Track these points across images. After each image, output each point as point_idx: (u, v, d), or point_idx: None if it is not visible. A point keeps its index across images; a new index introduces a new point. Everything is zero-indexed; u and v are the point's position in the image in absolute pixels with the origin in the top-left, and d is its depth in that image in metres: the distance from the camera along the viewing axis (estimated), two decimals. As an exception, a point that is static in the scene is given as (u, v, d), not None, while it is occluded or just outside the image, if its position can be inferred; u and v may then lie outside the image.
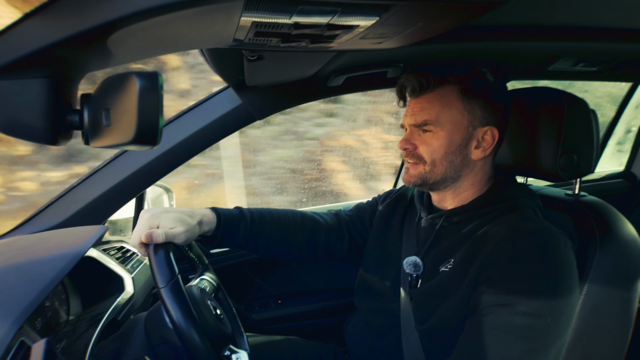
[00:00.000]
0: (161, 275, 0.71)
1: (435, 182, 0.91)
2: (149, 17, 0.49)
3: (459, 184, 0.92)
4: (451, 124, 0.87)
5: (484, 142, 0.89)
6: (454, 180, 0.91)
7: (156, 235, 0.76)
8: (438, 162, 0.88)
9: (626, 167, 2.25)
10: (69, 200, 1.11)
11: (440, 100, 0.88)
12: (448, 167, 0.89)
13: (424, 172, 0.90)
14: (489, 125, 0.89)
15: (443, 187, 0.93)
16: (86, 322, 0.93)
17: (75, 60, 0.54)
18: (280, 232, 1.02)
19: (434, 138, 0.88)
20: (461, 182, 0.92)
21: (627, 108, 2.19)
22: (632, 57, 1.31)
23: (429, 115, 0.88)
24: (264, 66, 0.95)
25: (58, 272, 0.73)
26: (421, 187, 0.93)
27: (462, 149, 0.88)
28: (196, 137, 1.15)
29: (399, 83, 0.93)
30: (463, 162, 0.89)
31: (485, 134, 0.89)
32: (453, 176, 0.90)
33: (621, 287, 0.91)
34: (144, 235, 0.76)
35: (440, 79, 0.88)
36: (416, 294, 0.92)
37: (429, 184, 0.91)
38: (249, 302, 1.59)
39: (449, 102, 0.87)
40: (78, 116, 0.50)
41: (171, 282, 0.71)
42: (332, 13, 0.58)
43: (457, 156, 0.88)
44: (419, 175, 0.91)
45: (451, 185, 0.92)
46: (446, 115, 0.87)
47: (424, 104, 0.89)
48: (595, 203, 0.97)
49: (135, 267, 1.17)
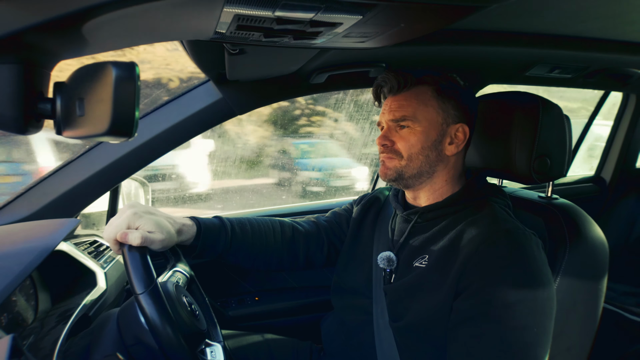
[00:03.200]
0: (138, 281, 0.69)
1: (411, 177, 0.93)
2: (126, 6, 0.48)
3: (434, 180, 0.95)
4: (427, 120, 0.91)
5: (456, 139, 0.94)
6: (429, 175, 0.94)
7: (132, 238, 0.74)
8: (414, 156, 0.92)
9: (596, 172, 2.33)
10: (39, 192, 1.07)
11: (417, 99, 0.92)
12: (424, 161, 0.92)
13: (400, 166, 0.93)
14: (460, 122, 0.94)
15: (419, 182, 0.95)
16: (55, 318, 0.90)
17: (48, 47, 0.52)
18: (261, 242, 1.01)
19: (411, 134, 0.91)
20: (436, 178, 0.95)
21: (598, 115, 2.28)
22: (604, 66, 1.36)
23: (407, 111, 0.91)
24: (245, 60, 0.94)
25: (26, 266, 0.71)
26: (397, 182, 0.95)
27: (437, 144, 0.92)
28: (174, 130, 1.13)
29: (377, 82, 0.97)
30: (438, 158, 0.93)
31: (457, 130, 0.93)
32: (428, 171, 0.93)
33: (588, 286, 0.94)
34: (119, 233, 0.74)
35: (417, 79, 0.93)
36: (390, 289, 0.93)
37: (405, 178, 0.93)
38: (226, 299, 1.57)
39: (425, 100, 0.92)
40: (50, 105, 0.48)
41: (150, 288, 0.69)
42: (316, 9, 0.58)
43: (432, 151, 0.92)
44: (395, 169, 0.93)
45: (426, 181, 0.95)
46: (423, 113, 0.91)
47: (402, 102, 0.93)
48: (566, 206, 1.01)
49: (108, 261, 1.14)
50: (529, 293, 0.76)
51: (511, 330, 0.74)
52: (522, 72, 1.35)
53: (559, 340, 0.93)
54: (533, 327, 0.75)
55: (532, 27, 1.07)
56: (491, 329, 0.75)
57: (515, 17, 0.99)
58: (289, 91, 1.25)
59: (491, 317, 0.75)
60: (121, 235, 0.74)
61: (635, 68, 1.43)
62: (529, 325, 0.75)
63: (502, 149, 0.99)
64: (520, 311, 0.74)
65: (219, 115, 1.18)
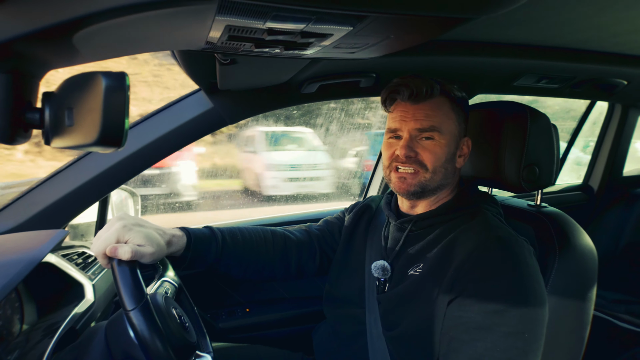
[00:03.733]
0: (129, 297, 0.67)
1: (432, 189, 0.91)
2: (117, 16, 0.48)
3: (441, 190, 0.94)
4: (450, 133, 0.90)
5: (463, 152, 0.94)
6: (444, 187, 0.93)
7: (122, 252, 0.72)
8: (438, 169, 0.90)
9: (584, 180, 2.36)
10: (26, 203, 1.05)
11: (441, 110, 0.89)
12: (444, 174, 0.91)
13: (425, 180, 0.89)
14: (466, 136, 0.95)
15: (434, 194, 0.94)
16: (42, 332, 0.88)
17: (38, 56, 0.51)
18: (252, 252, 1.00)
19: (437, 146, 0.89)
20: (445, 189, 0.95)
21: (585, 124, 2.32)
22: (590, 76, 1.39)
23: (435, 121, 0.88)
24: (236, 70, 0.94)
25: (11, 278, 0.69)
26: (418, 194, 0.92)
27: (453, 157, 0.92)
28: (164, 140, 1.12)
29: (395, 84, 0.90)
30: (453, 171, 0.93)
31: (464, 144, 0.94)
32: (444, 183, 0.92)
33: (578, 295, 0.95)
34: (109, 247, 0.73)
35: (442, 88, 0.89)
36: (384, 298, 0.93)
37: (427, 191, 0.91)
38: (216, 310, 1.55)
39: (447, 112, 0.90)
40: (38, 115, 0.48)
41: (140, 305, 0.67)
42: (307, 21, 0.58)
43: (450, 164, 0.92)
44: (420, 184, 0.90)
45: (438, 192, 0.94)
46: (447, 125, 0.89)
47: (428, 111, 0.88)
48: (555, 214, 1.02)
49: (96, 273, 1.12)
50: (521, 299, 0.76)
51: (504, 337, 0.74)
52: (510, 82, 1.37)
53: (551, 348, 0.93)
54: (525, 333, 0.75)
55: (519, 38, 1.09)
56: (484, 336, 0.75)
57: (503, 29, 1.01)
58: (280, 101, 1.25)
59: (484, 323, 0.75)
60: (110, 250, 0.72)
61: (620, 78, 1.46)
62: (521, 331, 0.75)
63: (492, 158, 1.00)
64: (512, 317, 0.75)
65: (210, 125, 1.18)
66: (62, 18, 0.45)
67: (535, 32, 1.03)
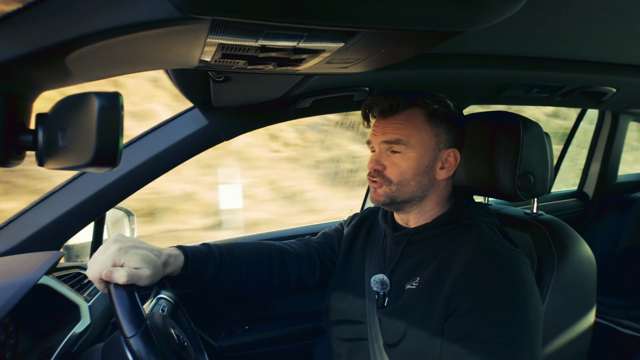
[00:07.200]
0: (128, 323, 0.65)
1: (403, 201, 0.93)
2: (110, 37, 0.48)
3: (424, 202, 0.95)
4: (421, 146, 0.90)
5: (447, 164, 0.93)
6: (420, 199, 0.94)
7: (118, 276, 0.71)
8: (405, 182, 0.91)
9: (579, 187, 2.38)
10: (20, 225, 1.04)
11: (411, 123, 0.90)
12: (416, 187, 0.91)
13: (390, 192, 0.92)
14: (452, 147, 0.93)
15: (409, 206, 0.95)
16: (36, 357, 0.86)
17: (30, 78, 0.52)
18: (251, 267, 0.98)
19: (404, 159, 0.90)
20: (426, 201, 0.95)
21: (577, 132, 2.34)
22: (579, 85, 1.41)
23: (401, 134, 0.90)
24: (230, 87, 0.95)
25: (5, 302, 0.68)
26: (389, 206, 0.95)
27: (429, 170, 0.92)
28: (159, 158, 1.12)
29: (366, 104, 0.94)
30: (429, 182, 0.92)
31: (449, 155, 0.93)
32: (420, 195, 0.93)
33: (578, 302, 0.94)
34: (105, 272, 0.72)
35: (408, 101, 0.91)
36: (384, 314, 0.92)
37: (397, 202, 0.93)
38: (215, 329, 1.53)
39: (418, 124, 0.90)
40: (32, 136, 0.48)
41: (140, 331, 0.65)
42: (299, 38, 0.59)
43: (424, 177, 0.91)
44: (386, 194, 0.92)
45: (417, 204, 0.95)
46: (416, 138, 0.90)
47: (395, 124, 0.91)
48: (552, 222, 1.02)
49: (92, 294, 1.10)
50: (517, 312, 0.76)
51: (501, 349, 0.74)
52: (501, 93, 1.39)
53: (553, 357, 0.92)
54: (522, 344, 0.75)
55: (509, 50, 1.10)
56: (481, 349, 0.75)
57: (492, 41, 1.02)
58: (275, 116, 1.26)
59: (481, 337, 0.75)
60: (106, 274, 0.71)
61: (609, 86, 1.48)
62: (517, 343, 0.75)
63: (486, 168, 1.00)
64: (509, 330, 0.75)
65: (205, 142, 1.18)
66: (55, 40, 0.45)
67: (524, 43, 1.05)
